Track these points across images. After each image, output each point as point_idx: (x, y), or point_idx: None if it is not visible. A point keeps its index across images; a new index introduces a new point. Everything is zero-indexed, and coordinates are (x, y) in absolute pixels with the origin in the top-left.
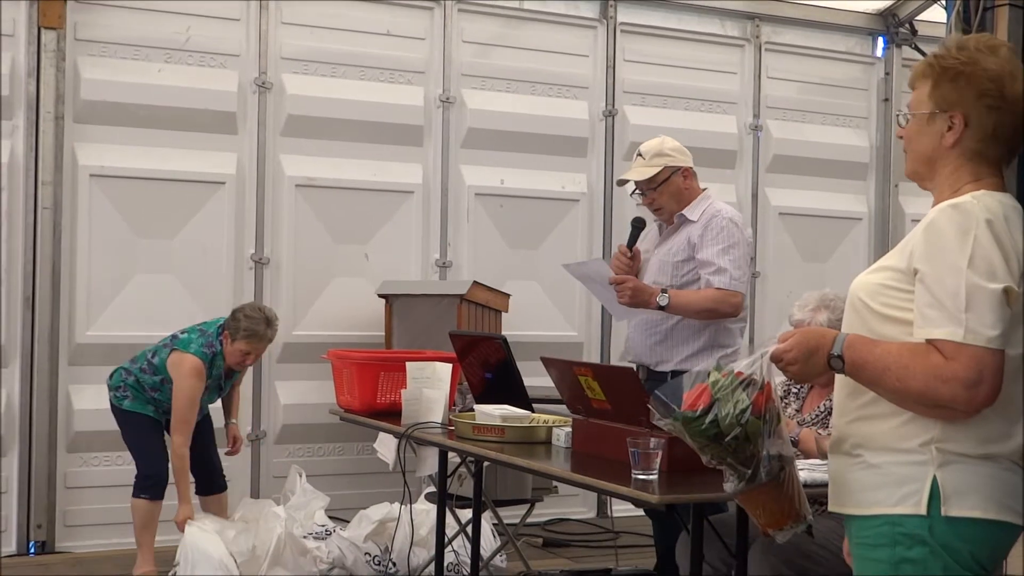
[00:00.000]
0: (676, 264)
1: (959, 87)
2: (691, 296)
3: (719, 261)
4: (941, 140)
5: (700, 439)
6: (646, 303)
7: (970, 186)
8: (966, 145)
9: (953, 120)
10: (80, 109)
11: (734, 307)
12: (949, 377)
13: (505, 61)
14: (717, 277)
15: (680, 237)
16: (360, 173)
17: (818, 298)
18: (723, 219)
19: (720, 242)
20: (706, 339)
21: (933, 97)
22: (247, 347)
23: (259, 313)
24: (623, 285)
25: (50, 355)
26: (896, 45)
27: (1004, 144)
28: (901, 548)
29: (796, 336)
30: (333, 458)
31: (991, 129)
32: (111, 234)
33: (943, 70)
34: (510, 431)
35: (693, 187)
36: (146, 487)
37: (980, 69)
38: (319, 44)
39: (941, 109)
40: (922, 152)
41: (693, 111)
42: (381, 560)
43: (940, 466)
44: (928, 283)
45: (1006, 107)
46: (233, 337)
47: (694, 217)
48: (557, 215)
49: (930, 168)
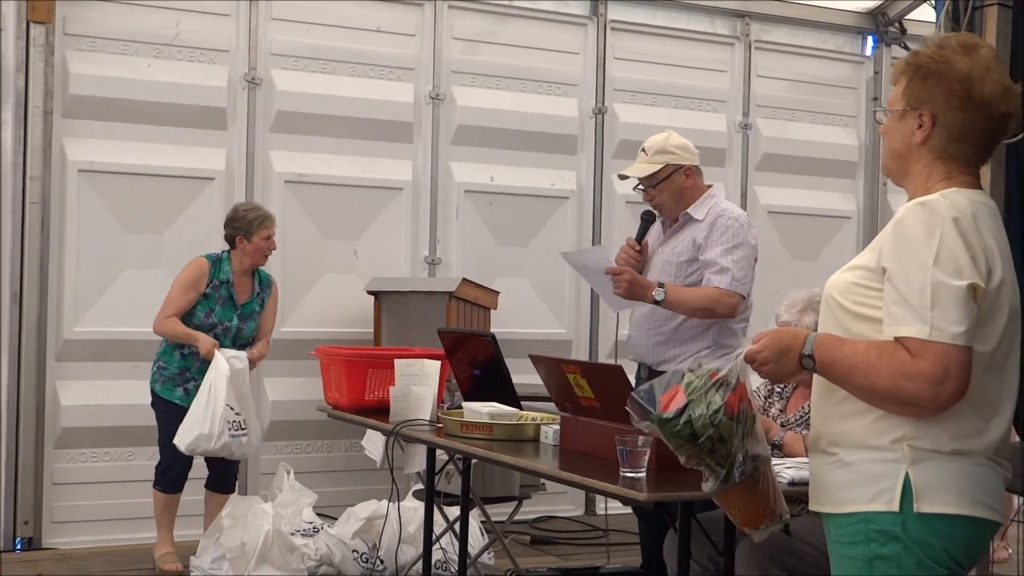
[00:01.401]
0: (680, 265)
1: (929, 85)
2: (688, 293)
3: (722, 261)
4: (911, 137)
5: (675, 440)
6: (642, 296)
7: (942, 184)
8: (934, 143)
9: (922, 118)
10: (69, 104)
11: (730, 308)
12: (915, 374)
13: (495, 58)
14: (719, 277)
15: (685, 237)
16: (350, 169)
17: (805, 299)
18: (729, 218)
19: (725, 242)
20: (710, 339)
21: (905, 95)
22: (267, 231)
23: (249, 203)
24: (620, 276)
25: (38, 351)
26: (885, 44)
27: (973, 144)
28: (875, 545)
29: (768, 336)
30: (321, 455)
31: (958, 128)
32: (99, 229)
33: (917, 68)
34: (498, 428)
35: (697, 185)
36: (161, 480)
37: (950, 68)
38: (309, 40)
39: (912, 107)
40: (894, 149)
41: (683, 109)
42: (369, 557)
43: (912, 463)
44: (895, 281)
45: (973, 107)
46: (248, 234)
47: (699, 216)
48: (546, 212)
49: (902, 165)
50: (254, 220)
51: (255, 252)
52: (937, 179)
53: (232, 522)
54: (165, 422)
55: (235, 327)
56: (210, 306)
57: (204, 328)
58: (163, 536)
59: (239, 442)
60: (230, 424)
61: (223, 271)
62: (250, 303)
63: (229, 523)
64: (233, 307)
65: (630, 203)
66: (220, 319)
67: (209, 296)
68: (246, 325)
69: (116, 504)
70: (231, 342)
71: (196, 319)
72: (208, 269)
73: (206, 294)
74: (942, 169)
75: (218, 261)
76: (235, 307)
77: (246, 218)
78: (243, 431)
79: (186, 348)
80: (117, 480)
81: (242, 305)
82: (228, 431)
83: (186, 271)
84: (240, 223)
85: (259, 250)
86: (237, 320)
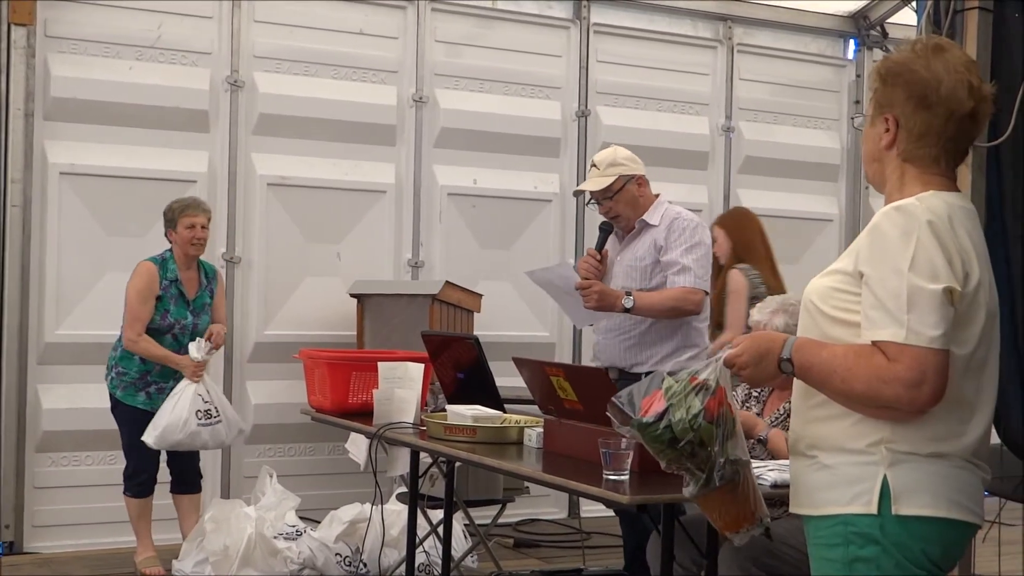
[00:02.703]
0: (643, 269)
1: (892, 89)
2: (654, 297)
3: (683, 260)
4: (880, 142)
5: (655, 444)
6: (611, 306)
7: (917, 187)
8: (900, 147)
9: (888, 122)
10: (50, 106)
11: (696, 304)
12: (891, 378)
13: (478, 61)
14: (681, 276)
15: (644, 242)
16: (332, 172)
17: (779, 302)
18: (684, 220)
19: (684, 242)
20: (678, 340)
21: (874, 100)
22: (189, 220)
23: (186, 198)
24: (589, 289)
25: (19, 354)
26: (867, 47)
27: (935, 144)
28: (854, 547)
29: (747, 341)
30: (304, 458)
31: (918, 129)
32: (81, 232)
33: (885, 72)
34: (482, 431)
35: (647, 194)
36: (129, 486)
37: (911, 71)
38: (292, 43)
39: (878, 112)
40: (867, 153)
41: (665, 112)
42: (352, 561)
43: (890, 465)
44: (872, 285)
45: (930, 107)
46: (174, 225)
47: (655, 221)
48: (529, 215)
49: (877, 170)
50: (177, 210)
51: (183, 243)
52: (911, 182)
53: (215, 525)
54: (128, 428)
55: (191, 323)
56: (165, 307)
57: (163, 330)
58: (142, 541)
59: (212, 430)
60: (199, 413)
61: (169, 270)
62: (200, 297)
63: (212, 526)
64: (186, 304)
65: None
66: (176, 318)
67: (162, 297)
68: (200, 320)
69: (98, 508)
70: (188, 337)
71: (154, 323)
72: (156, 271)
73: (159, 296)
74: (913, 172)
75: (163, 261)
76: (187, 303)
77: (172, 209)
78: (215, 419)
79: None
80: (99, 484)
81: (193, 300)
82: (197, 419)
83: (136, 278)
84: (168, 215)
85: (185, 240)
86: (191, 316)
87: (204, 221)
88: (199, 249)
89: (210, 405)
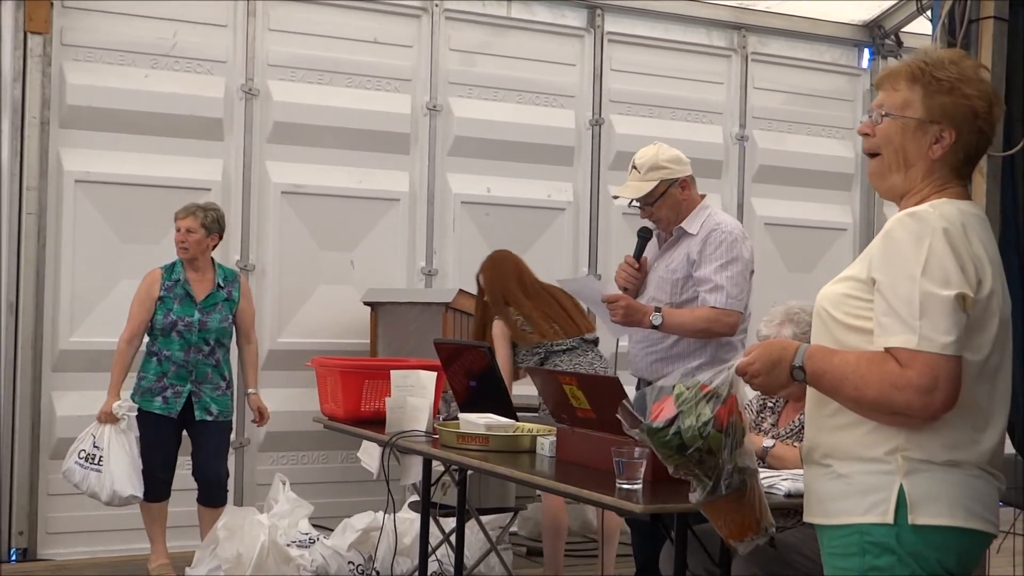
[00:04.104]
0: (675, 282)
1: (954, 102)
2: (685, 316)
3: (716, 278)
4: (928, 150)
5: (664, 450)
6: (639, 323)
7: (934, 195)
8: (949, 159)
9: (943, 133)
10: (66, 114)
11: (729, 327)
12: (904, 385)
13: (492, 69)
14: (713, 295)
15: (679, 253)
16: (346, 180)
17: (783, 312)
18: (722, 232)
19: (718, 258)
20: (708, 355)
21: (926, 105)
22: (177, 223)
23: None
24: (615, 304)
25: (33, 361)
26: (882, 56)
27: (976, 163)
28: (870, 557)
29: (759, 349)
30: (317, 466)
31: (973, 149)
32: (96, 240)
33: (936, 81)
34: (494, 440)
35: (692, 197)
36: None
37: (974, 89)
38: (306, 51)
39: (933, 120)
40: (903, 155)
41: (679, 121)
42: (365, 569)
43: (906, 474)
44: (884, 292)
45: (988, 130)
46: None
47: (693, 230)
48: (543, 224)
49: (903, 172)
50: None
51: (177, 247)
52: (932, 190)
53: (228, 533)
54: (144, 432)
55: (197, 321)
56: (168, 307)
57: (167, 327)
58: (156, 547)
59: (84, 474)
60: (82, 452)
61: (176, 272)
62: (211, 297)
63: (225, 534)
64: (192, 303)
65: (626, 214)
66: (179, 316)
67: (164, 298)
68: (209, 318)
69: (111, 515)
70: (197, 335)
71: (157, 322)
72: (160, 276)
73: (161, 297)
74: (939, 181)
75: (172, 265)
76: (194, 303)
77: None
78: (93, 465)
79: (162, 353)
80: None
81: (203, 300)
82: (76, 456)
83: (140, 285)
84: None
85: (177, 244)
86: (198, 314)
87: (189, 225)
88: (185, 252)
89: (99, 452)
